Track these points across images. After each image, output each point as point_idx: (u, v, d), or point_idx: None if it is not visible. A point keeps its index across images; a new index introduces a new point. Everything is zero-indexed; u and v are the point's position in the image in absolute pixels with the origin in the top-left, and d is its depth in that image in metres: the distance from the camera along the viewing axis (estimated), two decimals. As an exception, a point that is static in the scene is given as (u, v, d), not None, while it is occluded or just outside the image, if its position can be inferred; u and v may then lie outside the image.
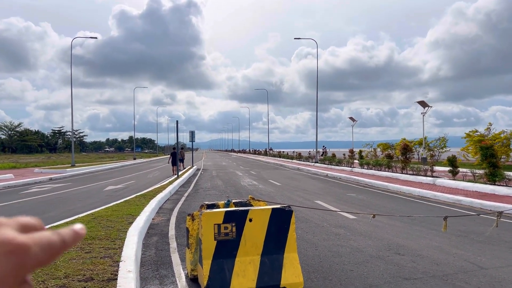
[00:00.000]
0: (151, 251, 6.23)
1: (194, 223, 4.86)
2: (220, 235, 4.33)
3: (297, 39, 36.84)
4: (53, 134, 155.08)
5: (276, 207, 4.57)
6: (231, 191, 14.78)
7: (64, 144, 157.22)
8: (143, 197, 11.58)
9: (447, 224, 5.89)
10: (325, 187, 16.76)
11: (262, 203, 5.26)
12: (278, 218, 4.52)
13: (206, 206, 4.98)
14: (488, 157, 13.31)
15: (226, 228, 4.35)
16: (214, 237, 4.32)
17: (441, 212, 10.12)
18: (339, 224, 8.33)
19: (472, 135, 27.03)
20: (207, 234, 4.30)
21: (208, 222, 4.31)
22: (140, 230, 6.91)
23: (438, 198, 12.86)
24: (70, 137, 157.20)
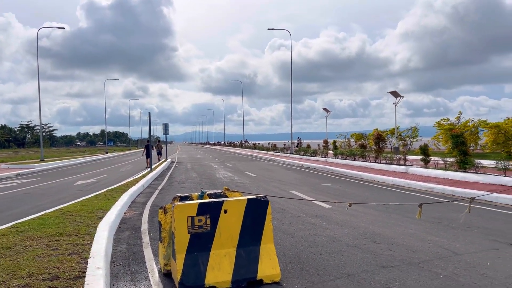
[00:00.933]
0: (122, 246, 6.00)
1: (166, 216, 4.67)
2: (194, 228, 4.17)
3: (270, 29, 36.66)
4: (21, 128, 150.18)
5: (251, 197, 4.44)
6: (206, 184, 14.58)
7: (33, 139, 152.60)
8: (114, 191, 11.25)
9: (421, 211, 5.91)
10: (301, 177, 16.77)
11: (238, 194, 5.12)
12: (254, 209, 4.39)
13: (179, 198, 4.79)
14: (459, 145, 13.57)
15: (200, 221, 4.19)
16: (187, 230, 4.15)
17: (415, 199, 10.24)
18: (315, 214, 8.28)
19: (443, 124, 27.65)
20: (180, 227, 4.13)
21: (181, 215, 4.13)
22: (111, 225, 6.66)
23: (411, 186, 13.04)
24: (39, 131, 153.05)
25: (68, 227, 6.37)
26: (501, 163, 12.50)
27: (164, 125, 32.05)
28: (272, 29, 36.59)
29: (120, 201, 9.18)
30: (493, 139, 22.93)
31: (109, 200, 9.31)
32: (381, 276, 4.52)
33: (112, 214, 7.51)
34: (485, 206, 9.10)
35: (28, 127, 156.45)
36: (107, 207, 8.22)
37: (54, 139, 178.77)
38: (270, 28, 36.44)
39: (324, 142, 30.51)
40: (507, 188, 11.00)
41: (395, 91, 29.87)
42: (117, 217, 7.69)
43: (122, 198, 9.74)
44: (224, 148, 78.39)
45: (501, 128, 22.43)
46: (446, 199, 10.19)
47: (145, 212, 8.86)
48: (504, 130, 22.28)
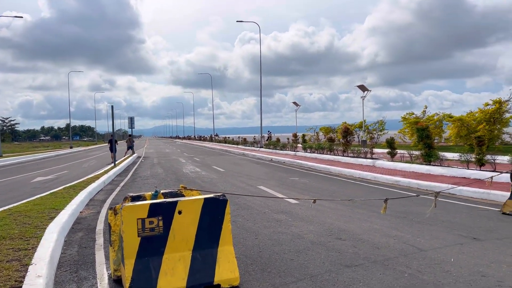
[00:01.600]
0: (73, 249, 5.58)
1: (116, 218, 4.31)
2: (145, 230, 3.84)
3: (239, 22, 36.21)
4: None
5: (208, 196, 4.14)
6: (171, 179, 14.15)
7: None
8: (72, 188, 10.68)
9: (386, 207, 5.79)
10: (269, 171, 16.58)
11: (195, 192, 4.81)
12: (211, 208, 4.10)
13: (130, 198, 4.43)
14: (424, 138, 13.70)
15: (151, 223, 3.86)
16: (137, 234, 3.81)
17: (381, 193, 10.22)
18: (281, 210, 8.07)
19: (409, 118, 28.12)
20: (129, 230, 3.79)
21: (130, 217, 3.79)
22: (62, 226, 6.21)
23: (378, 179, 13.07)
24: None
25: (13, 229, 5.88)
26: (464, 156, 12.70)
27: (129, 119, 31.19)
28: (241, 21, 36.15)
29: (77, 199, 8.68)
30: (456, 132, 23.49)
31: (65, 199, 8.79)
32: (345, 276, 4.33)
33: (65, 214, 7.04)
34: (450, 199, 9.15)
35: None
36: (61, 206, 7.73)
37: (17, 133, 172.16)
38: (239, 21, 36.00)
39: (293, 135, 30.49)
40: (470, 181, 11.16)
41: (362, 85, 30.16)
42: (71, 217, 7.23)
43: (80, 196, 9.23)
44: (194, 142, 77.46)
45: (464, 122, 22.98)
46: (412, 192, 10.22)
47: (102, 210, 8.40)
48: (467, 123, 22.83)
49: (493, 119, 21.74)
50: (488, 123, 21.42)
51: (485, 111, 22.28)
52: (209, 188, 11.52)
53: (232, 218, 7.26)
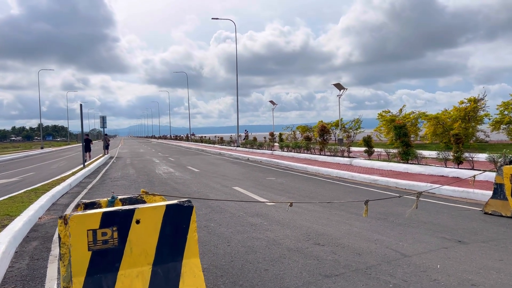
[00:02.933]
0: (23, 261, 5.00)
1: (67, 228, 3.78)
2: (97, 243, 3.33)
3: (214, 19, 35.63)
4: None
5: (171, 203, 3.66)
6: (143, 181, 13.53)
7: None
8: (34, 191, 9.97)
9: (368, 209, 5.43)
10: (246, 171, 16.14)
11: (159, 198, 4.31)
12: (174, 216, 3.62)
13: (83, 205, 3.91)
14: (401, 136, 13.52)
15: (104, 234, 3.35)
16: (88, 247, 3.30)
17: (359, 193, 9.92)
18: (256, 212, 7.64)
19: (385, 116, 28.17)
20: (78, 243, 3.27)
21: (79, 228, 3.28)
22: (14, 235, 5.61)
23: (355, 178, 12.81)
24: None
25: (-45, 240, 5.25)
26: (442, 154, 12.57)
27: (101, 118, 30.21)
28: (216, 18, 35.55)
29: (36, 204, 8.02)
30: (432, 130, 23.59)
31: (23, 204, 8.12)
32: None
33: (20, 221, 6.42)
34: (430, 198, 8.91)
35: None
36: (17, 212, 7.08)
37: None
38: (214, 18, 35.38)
39: (270, 134, 30.14)
40: (449, 179, 11.00)
41: (338, 83, 30.09)
42: (27, 224, 6.60)
43: (40, 200, 8.57)
44: (170, 141, 76.27)
45: (440, 120, 23.09)
46: (390, 192, 9.96)
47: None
48: (442, 121, 22.95)
49: (468, 117, 21.91)
50: (464, 121, 21.57)
51: (460, 109, 22.45)
52: (182, 190, 10.99)
53: (204, 223, 6.79)
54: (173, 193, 10.35)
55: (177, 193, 10.36)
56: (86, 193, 10.84)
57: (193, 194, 10.23)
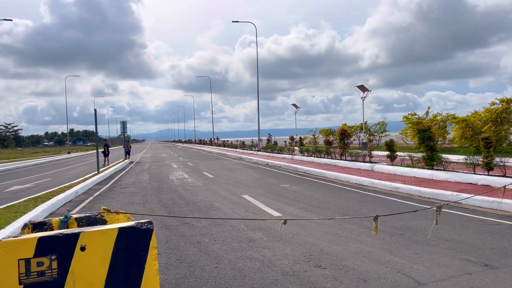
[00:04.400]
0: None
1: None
2: (30, 276, 2.76)
3: (235, 22, 35.23)
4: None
5: (126, 225, 3.06)
6: (152, 188, 13.09)
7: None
8: (34, 200, 9.65)
9: (377, 226, 4.71)
10: (260, 177, 15.50)
11: (123, 216, 3.72)
12: (129, 242, 3.02)
13: (31, 226, 3.36)
14: (426, 140, 12.57)
15: (40, 264, 2.78)
16: (19, 281, 2.74)
17: (377, 203, 9.11)
18: (258, 226, 6.98)
19: (411, 118, 26.95)
20: (6, 276, 2.71)
21: (9, 257, 2.72)
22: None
23: (375, 185, 11.96)
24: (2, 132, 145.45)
25: None
26: (470, 159, 11.57)
27: (121, 123, 30.30)
28: (236, 21, 35.15)
29: (29, 215, 7.63)
30: (461, 134, 22.30)
31: (16, 214, 7.76)
32: (314, 329, 3.24)
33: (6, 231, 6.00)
34: (454, 209, 8.03)
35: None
36: (3, 225, 6.68)
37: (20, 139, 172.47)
38: (234, 21, 35.02)
39: (291, 138, 29.39)
40: (477, 188, 10.03)
41: (362, 85, 29.09)
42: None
43: (36, 210, 8.19)
44: (194, 146, 76.48)
45: (469, 122, 21.81)
46: (412, 201, 9.12)
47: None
48: (471, 124, 21.66)
49: (500, 119, 20.54)
50: (495, 123, 20.23)
51: (491, 110, 21.09)
52: (188, 198, 10.45)
53: (198, 238, 6.19)
54: (177, 202, 9.81)
55: (181, 202, 9.82)
56: (89, 201, 10.45)
57: (198, 203, 9.67)
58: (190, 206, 9.25)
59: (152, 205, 9.49)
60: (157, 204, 9.61)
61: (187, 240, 6.12)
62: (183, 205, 9.41)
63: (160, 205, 9.46)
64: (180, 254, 5.39)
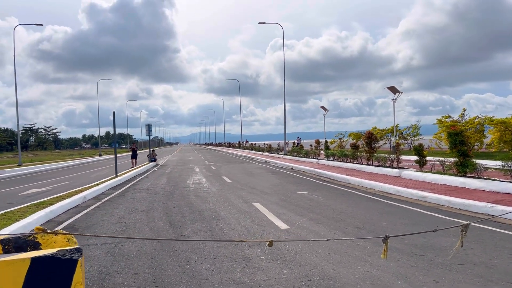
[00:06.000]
0: None
1: None
2: None
3: (261, 23, 34.68)
4: (24, 131, 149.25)
5: (41, 254, 2.43)
6: (165, 193, 12.58)
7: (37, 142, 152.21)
8: (35, 206, 9.31)
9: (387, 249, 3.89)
10: (279, 183, 14.74)
11: (61, 238, 3.09)
12: (46, 275, 2.39)
13: None
14: (458, 144, 11.46)
15: None
16: None
17: (398, 214, 8.19)
18: (263, 239, 6.26)
19: (444, 121, 25.43)
20: None
21: None
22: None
23: (401, 194, 10.98)
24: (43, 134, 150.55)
25: None
26: (508, 165, 10.39)
27: (147, 126, 30.23)
28: (263, 23, 34.59)
29: (21, 222, 7.22)
30: (499, 137, 20.70)
31: (8, 221, 7.37)
32: None
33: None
34: (488, 224, 7.01)
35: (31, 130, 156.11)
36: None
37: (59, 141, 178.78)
38: (261, 22, 34.45)
39: (316, 142, 28.42)
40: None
41: (393, 86, 27.79)
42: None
43: (31, 217, 7.79)
44: (223, 149, 76.41)
45: (508, 125, 20.21)
46: (439, 213, 8.14)
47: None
48: (511, 126, 20.06)
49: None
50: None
51: (533, 112, 19.44)
52: (196, 205, 9.84)
53: (187, 255, 5.53)
54: (182, 210, 9.22)
55: (187, 210, 9.22)
56: (94, 208, 10.03)
57: (204, 211, 9.04)
58: (195, 214, 8.63)
59: (155, 213, 8.94)
60: (161, 212, 9.05)
61: (175, 257, 5.47)
62: (187, 213, 8.80)
63: (164, 213, 8.89)
64: (160, 274, 4.75)
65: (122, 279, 4.56)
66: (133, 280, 4.53)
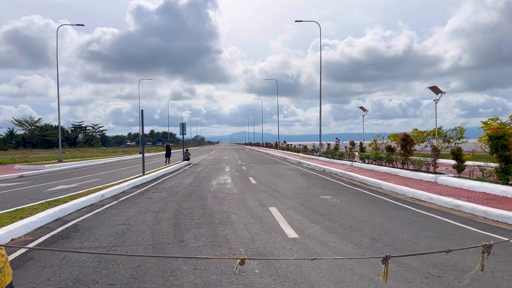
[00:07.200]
0: None
1: None
2: None
3: (298, 21, 33.94)
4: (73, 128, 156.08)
5: None
6: (184, 194, 12.29)
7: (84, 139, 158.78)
8: (48, 203, 9.25)
9: (387, 271, 3.29)
10: (305, 186, 14.11)
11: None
12: None
13: None
14: (499, 149, 10.39)
15: None
16: None
17: (424, 225, 7.39)
18: (262, 250, 5.74)
19: (491, 124, 23.67)
20: None
21: None
22: None
23: (433, 201, 10.09)
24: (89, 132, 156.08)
25: None
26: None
27: (181, 125, 30.36)
28: (300, 21, 33.82)
29: (23, 221, 7.09)
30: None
31: (13, 219, 7.28)
32: None
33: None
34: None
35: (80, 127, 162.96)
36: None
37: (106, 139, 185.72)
38: (298, 20, 33.73)
39: (350, 143, 27.39)
40: None
41: (435, 86, 26.34)
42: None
43: (37, 216, 7.67)
44: (260, 149, 76.14)
45: None
46: (472, 226, 7.27)
47: (43, 237, 6.68)
48: None
49: None
50: None
51: None
52: (211, 208, 9.44)
53: (179, 264, 5.10)
54: (194, 212, 8.84)
55: (198, 212, 8.83)
56: (108, 207, 9.86)
57: (215, 214, 8.61)
58: (204, 218, 8.23)
59: (165, 215, 8.62)
60: (171, 214, 8.71)
61: (163, 266, 5.06)
62: (197, 216, 8.41)
63: (173, 215, 8.55)
64: (137, 287, 4.34)
65: (94, 290, 4.20)
66: (106, 292, 4.15)
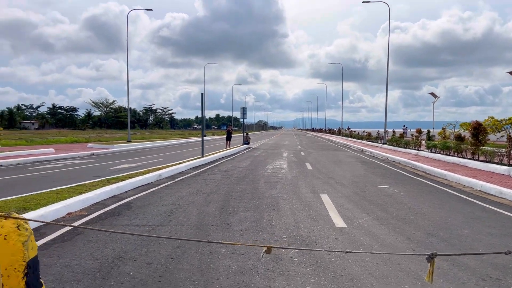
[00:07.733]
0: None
1: None
2: None
3: (365, 2, 32.47)
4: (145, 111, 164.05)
5: None
6: (237, 177, 12.32)
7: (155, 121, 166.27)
8: (107, 180, 9.70)
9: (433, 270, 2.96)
10: (363, 174, 13.56)
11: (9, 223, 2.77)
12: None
13: None
14: None
15: None
16: None
17: (492, 221, 6.73)
18: (310, 238, 5.54)
19: None
20: None
21: None
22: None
23: (504, 196, 9.22)
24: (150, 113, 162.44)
25: None
26: None
27: (242, 109, 30.61)
28: (367, 1, 32.36)
29: (80, 197, 7.46)
30: None
31: (72, 194, 7.70)
32: None
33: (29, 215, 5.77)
34: None
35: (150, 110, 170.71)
36: (39, 205, 6.56)
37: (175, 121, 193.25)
38: (365, 1, 32.26)
39: (417, 131, 25.94)
40: None
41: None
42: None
43: (94, 192, 8.05)
44: (323, 135, 74.96)
45: None
46: (544, 227, 6.50)
47: (96, 213, 6.98)
48: None
49: None
50: None
51: None
52: (261, 192, 9.36)
53: (217, 247, 5.06)
54: (243, 195, 8.80)
55: (248, 196, 8.77)
56: (163, 186, 10.12)
57: (264, 199, 8.51)
58: (253, 202, 8.16)
59: (215, 196, 8.67)
60: (221, 196, 8.75)
61: (203, 248, 5.03)
62: (245, 200, 8.37)
63: (223, 197, 8.58)
64: (173, 267, 4.34)
65: (131, 269, 4.26)
66: (141, 271, 4.19)
